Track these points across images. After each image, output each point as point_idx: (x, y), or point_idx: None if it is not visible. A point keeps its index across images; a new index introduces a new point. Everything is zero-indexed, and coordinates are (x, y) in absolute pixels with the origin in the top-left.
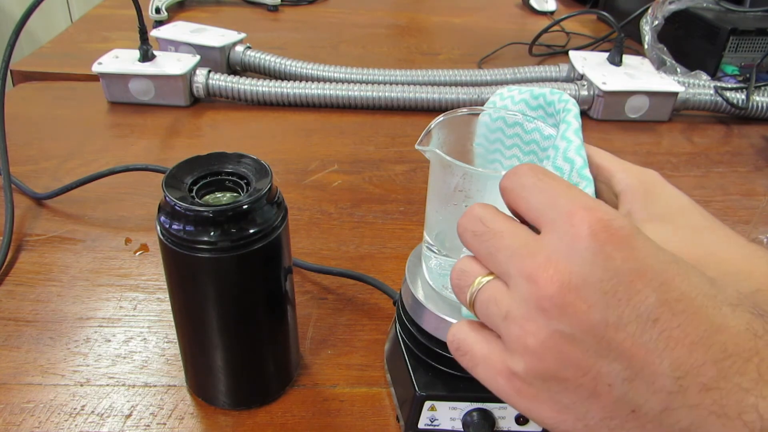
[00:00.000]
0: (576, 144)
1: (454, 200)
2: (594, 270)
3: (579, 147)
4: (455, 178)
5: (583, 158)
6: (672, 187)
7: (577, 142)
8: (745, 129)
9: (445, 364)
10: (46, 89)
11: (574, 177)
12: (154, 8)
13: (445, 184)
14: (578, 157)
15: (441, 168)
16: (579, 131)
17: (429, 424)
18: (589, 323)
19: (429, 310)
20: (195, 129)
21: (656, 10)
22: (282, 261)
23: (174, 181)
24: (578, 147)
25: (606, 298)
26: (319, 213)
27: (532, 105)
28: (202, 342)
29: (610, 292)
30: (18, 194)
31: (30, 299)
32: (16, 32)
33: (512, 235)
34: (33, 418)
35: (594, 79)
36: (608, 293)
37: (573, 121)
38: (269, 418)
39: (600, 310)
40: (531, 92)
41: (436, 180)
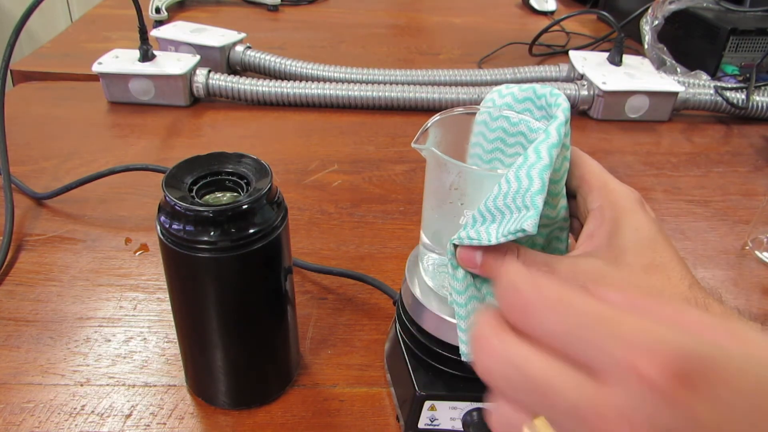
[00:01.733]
0: (544, 163)
1: (450, 198)
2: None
3: (546, 167)
4: (451, 176)
5: (542, 181)
6: (645, 215)
7: (545, 161)
8: (745, 129)
9: (445, 364)
10: (46, 89)
11: (518, 200)
12: (154, 8)
13: (440, 183)
14: (538, 179)
15: (437, 166)
16: (561, 127)
17: (429, 424)
18: None
19: (429, 310)
20: (195, 129)
21: (656, 10)
22: (282, 261)
23: (174, 181)
24: (545, 167)
25: None
26: (319, 213)
27: (528, 102)
28: (202, 342)
29: None
30: (18, 194)
31: (30, 299)
32: (16, 32)
33: (562, 383)
34: (33, 418)
35: (594, 78)
36: None
37: (560, 115)
38: (269, 418)
39: None
40: (533, 89)
41: (432, 179)
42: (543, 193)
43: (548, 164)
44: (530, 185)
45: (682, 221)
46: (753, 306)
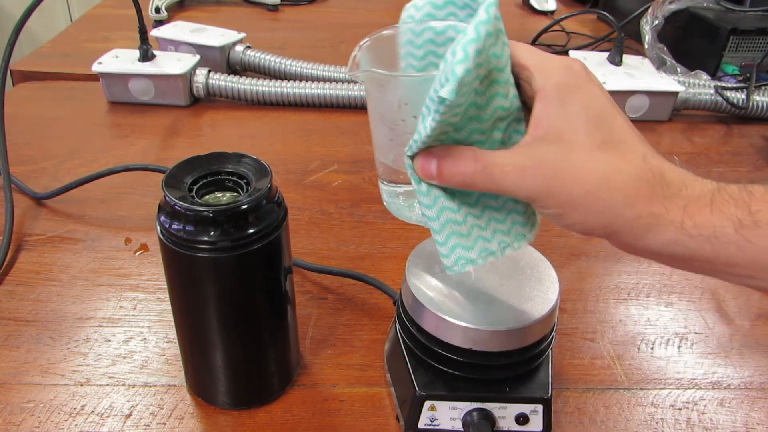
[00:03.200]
0: (469, 37)
1: (401, 116)
2: None
3: (469, 41)
4: (397, 92)
5: (465, 53)
6: (591, 89)
7: (471, 35)
8: (745, 129)
9: (445, 364)
10: (46, 89)
11: (443, 79)
12: (154, 8)
13: (388, 105)
14: (461, 52)
15: (380, 88)
16: (480, 26)
17: (429, 424)
18: None
19: (429, 310)
20: (195, 129)
21: (656, 10)
22: (282, 261)
23: (174, 181)
24: (468, 41)
25: None
26: (319, 213)
27: (450, 5)
28: (202, 342)
29: None
30: (18, 194)
31: (30, 299)
32: (16, 32)
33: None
34: (33, 417)
35: None
36: None
37: (481, 13)
38: (269, 418)
39: None
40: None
41: (377, 104)
42: (466, 63)
43: (474, 39)
44: (453, 59)
45: None
46: (753, 306)
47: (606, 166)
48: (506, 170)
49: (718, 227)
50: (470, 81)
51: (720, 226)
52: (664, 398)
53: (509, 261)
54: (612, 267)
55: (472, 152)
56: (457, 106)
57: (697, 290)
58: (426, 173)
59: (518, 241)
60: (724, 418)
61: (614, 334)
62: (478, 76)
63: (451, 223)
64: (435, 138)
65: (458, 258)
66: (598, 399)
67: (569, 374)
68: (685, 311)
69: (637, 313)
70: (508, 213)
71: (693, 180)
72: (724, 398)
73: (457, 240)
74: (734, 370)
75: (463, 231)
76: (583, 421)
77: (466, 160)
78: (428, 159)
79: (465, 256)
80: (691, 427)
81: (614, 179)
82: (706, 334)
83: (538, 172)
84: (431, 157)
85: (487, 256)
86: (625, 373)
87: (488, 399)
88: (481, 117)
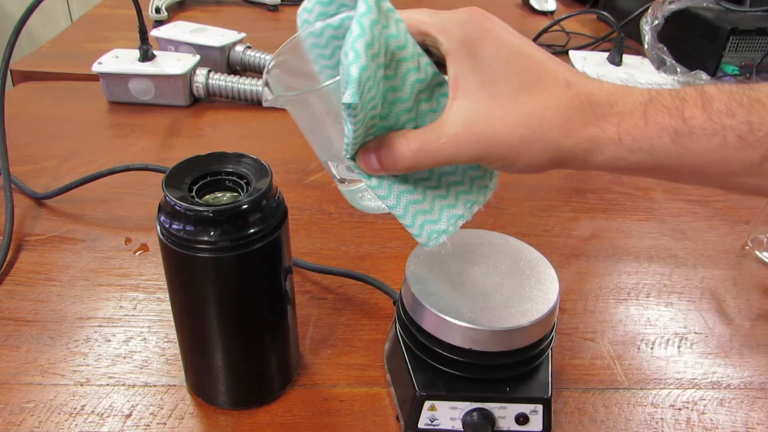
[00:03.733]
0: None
1: (329, 125)
2: None
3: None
4: (318, 105)
5: (356, 51)
6: (496, 32)
7: (356, 31)
8: None
9: (445, 364)
10: (46, 89)
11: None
12: (154, 8)
13: (314, 119)
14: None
15: (301, 108)
16: (362, 17)
17: (429, 424)
18: None
19: (429, 310)
20: (195, 129)
21: (656, 10)
22: (282, 261)
23: (174, 181)
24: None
25: None
26: (319, 213)
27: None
28: (202, 342)
29: None
30: (18, 194)
31: (30, 299)
32: (16, 32)
33: None
34: (33, 417)
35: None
36: None
37: (360, 5)
38: (269, 417)
39: None
40: None
41: (306, 123)
42: (359, 61)
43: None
44: (346, 60)
45: (682, 221)
46: (753, 306)
47: (533, 107)
48: (441, 143)
49: (655, 139)
50: (372, 74)
51: (657, 137)
52: (664, 398)
53: (509, 261)
54: (612, 267)
55: (403, 137)
56: (370, 101)
57: (697, 290)
58: (370, 168)
59: (482, 195)
60: (724, 418)
61: (614, 334)
62: (380, 65)
63: (412, 204)
64: (365, 135)
65: (430, 234)
66: (598, 399)
67: (569, 374)
68: (685, 311)
69: (637, 313)
70: (463, 173)
71: (623, 95)
72: (724, 398)
73: (423, 217)
74: (734, 370)
75: (426, 207)
76: (583, 421)
77: (400, 146)
78: (367, 155)
79: (435, 229)
80: (691, 427)
81: (545, 117)
82: (706, 334)
83: (470, 135)
84: (369, 153)
85: (457, 221)
86: (625, 373)
87: (488, 399)
88: (401, 98)
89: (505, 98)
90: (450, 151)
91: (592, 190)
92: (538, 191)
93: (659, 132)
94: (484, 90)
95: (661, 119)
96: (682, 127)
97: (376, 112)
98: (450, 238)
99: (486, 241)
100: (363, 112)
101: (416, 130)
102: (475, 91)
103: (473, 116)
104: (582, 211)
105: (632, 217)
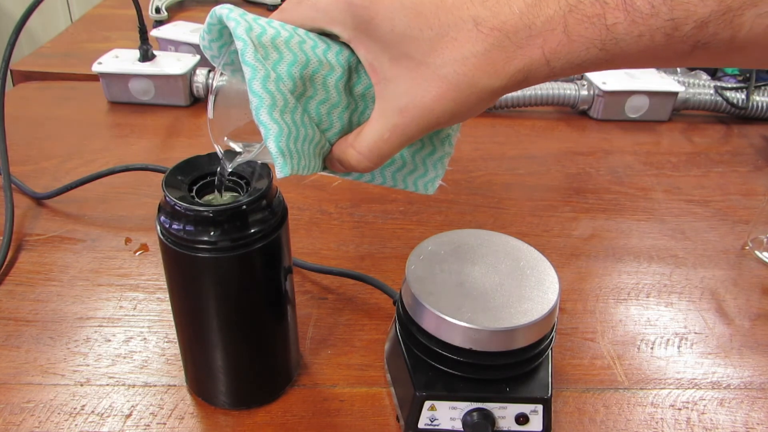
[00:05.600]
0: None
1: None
2: None
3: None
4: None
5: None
6: (383, 4)
7: (248, 74)
8: (745, 129)
9: (445, 364)
10: (46, 89)
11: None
12: (154, 8)
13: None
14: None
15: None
16: (244, 55)
17: (429, 424)
18: None
19: (429, 310)
20: (195, 129)
21: None
22: (282, 261)
23: (174, 181)
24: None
25: None
26: (319, 213)
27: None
28: (202, 342)
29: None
30: (18, 194)
31: (30, 299)
32: (16, 32)
33: None
34: (33, 417)
35: (594, 78)
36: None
37: (238, 45)
38: (269, 417)
39: None
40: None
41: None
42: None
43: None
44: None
45: (682, 221)
46: (753, 306)
47: (451, 65)
48: (386, 138)
49: (582, 53)
50: (291, 124)
51: (584, 51)
52: (664, 398)
53: (509, 261)
54: (612, 267)
55: (351, 148)
56: (304, 142)
57: (697, 290)
58: (342, 171)
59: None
60: (724, 418)
61: (614, 334)
62: (294, 106)
63: (398, 171)
64: (310, 151)
65: (425, 185)
66: (598, 399)
67: (569, 374)
68: (685, 311)
69: (637, 313)
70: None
71: (536, 14)
72: (724, 398)
73: (414, 176)
74: (734, 370)
75: (411, 168)
76: (583, 421)
77: (352, 158)
78: (334, 165)
79: (429, 180)
80: (691, 427)
81: (467, 69)
82: (706, 334)
83: (409, 120)
84: (334, 163)
85: (443, 159)
86: (625, 373)
87: (488, 399)
88: (334, 103)
89: (423, 66)
90: (398, 140)
91: (592, 190)
92: (538, 191)
93: (585, 45)
94: (400, 66)
95: (585, 31)
96: (607, 35)
97: (316, 138)
98: (450, 238)
99: (486, 241)
100: (305, 159)
101: (360, 134)
102: (393, 70)
103: (402, 100)
104: (582, 211)
105: (632, 217)
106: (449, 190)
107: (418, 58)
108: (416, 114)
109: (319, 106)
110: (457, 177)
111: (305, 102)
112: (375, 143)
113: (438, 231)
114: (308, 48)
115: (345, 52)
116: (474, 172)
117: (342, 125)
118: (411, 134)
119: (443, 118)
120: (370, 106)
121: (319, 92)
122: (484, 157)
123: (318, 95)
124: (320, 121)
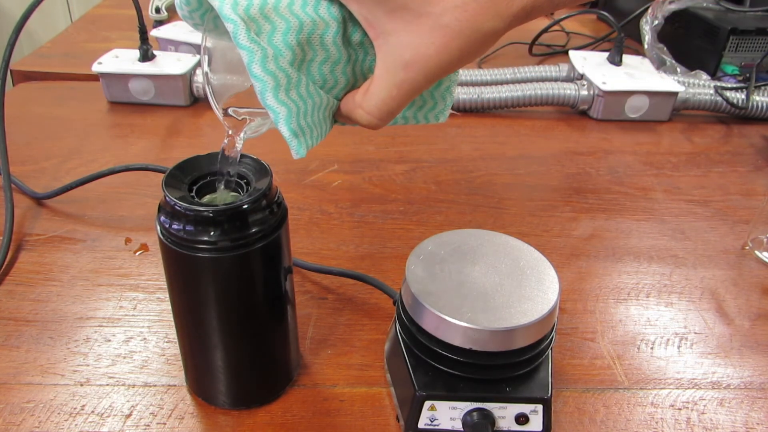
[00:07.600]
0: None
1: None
2: None
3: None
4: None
5: (270, 109)
6: None
7: (246, 59)
8: (745, 129)
9: (445, 364)
10: (46, 89)
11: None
12: (154, 8)
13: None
14: (269, 110)
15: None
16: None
17: (429, 424)
18: None
19: (429, 310)
20: (195, 129)
21: (656, 10)
22: (282, 261)
23: (174, 181)
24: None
25: None
26: (319, 213)
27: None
28: (202, 342)
29: None
30: (18, 194)
31: (30, 299)
32: (16, 32)
33: None
34: (33, 417)
35: (594, 78)
36: None
37: (229, 29)
38: (269, 417)
39: None
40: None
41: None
42: (281, 109)
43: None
44: (273, 115)
45: (682, 221)
46: (753, 306)
47: (453, 12)
48: (394, 95)
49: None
50: (297, 101)
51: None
52: (664, 398)
53: (509, 261)
54: (612, 267)
55: (360, 108)
56: (312, 114)
57: (697, 290)
58: (342, 118)
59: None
60: (724, 418)
61: (614, 334)
62: (299, 80)
63: (408, 109)
64: (320, 117)
65: (436, 116)
66: (598, 399)
67: (569, 374)
68: (685, 311)
69: (637, 313)
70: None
71: None
72: (724, 398)
73: (424, 110)
74: (734, 370)
75: (420, 103)
76: (583, 421)
77: (357, 117)
78: (342, 118)
79: (439, 111)
80: (691, 427)
81: (470, 13)
82: (706, 334)
83: (415, 74)
84: (341, 117)
85: (450, 88)
86: (625, 373)
87: (488, 399)
88: (336, 60)
89: (423, 17)
90: (406, 95)
91: (592, 190)
92: (538, 191)
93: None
94: (398, 18)
95: None
96: None
97: (324, 102)
98: (450, 238)
99: (486, 241)
100: (316, 129)
101: (367, 93)
102: (391, 24)
103: (405, 54)
104: (582, 211)
105: (632, 217)
106: (449, 190)
107: (416, 9)
108: (421, 67)
109: (321, 66)
110: (457, 177)
111: (307, 66)
112: (383, 101)
113: (438, 231)
114: (298, 9)
115: (335, 3)
116: (474, 172)
117: (347, 79)
118: (418, 87)
119: (450, 66)
120: (370, 53)
121: (319, 53)
122: (484, 157)
123: (318, 56)
124: (325, 81)
